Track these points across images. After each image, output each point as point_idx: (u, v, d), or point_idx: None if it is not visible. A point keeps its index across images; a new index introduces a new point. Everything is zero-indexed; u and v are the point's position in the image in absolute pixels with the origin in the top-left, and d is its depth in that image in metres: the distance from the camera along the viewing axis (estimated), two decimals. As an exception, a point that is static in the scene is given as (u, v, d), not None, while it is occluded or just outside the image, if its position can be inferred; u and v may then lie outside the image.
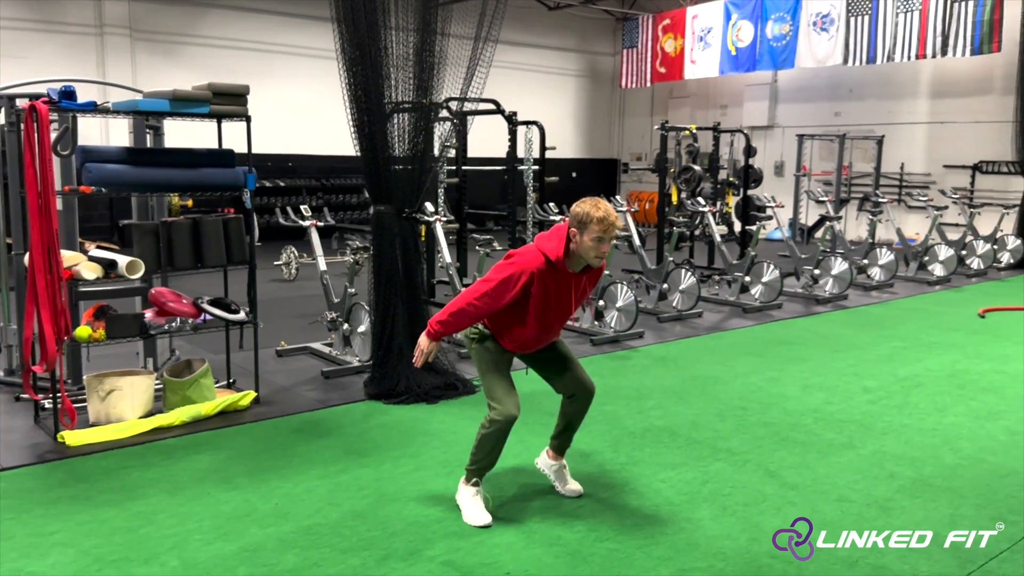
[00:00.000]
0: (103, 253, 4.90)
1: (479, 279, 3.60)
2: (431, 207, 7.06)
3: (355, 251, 6.35)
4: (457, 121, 8.11)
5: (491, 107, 8.34)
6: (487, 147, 10.31)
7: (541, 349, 3.81)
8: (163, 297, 5.00)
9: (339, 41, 5.31)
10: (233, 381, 5.55)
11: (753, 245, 9.10)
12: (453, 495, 3.77)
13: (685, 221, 9.75)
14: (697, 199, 10.05)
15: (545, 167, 9.01)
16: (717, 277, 9.46)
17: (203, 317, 5.11)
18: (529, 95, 17.28)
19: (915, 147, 15.39)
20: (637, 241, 8.84)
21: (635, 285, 8.67)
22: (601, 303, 7.33)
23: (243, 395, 5.20)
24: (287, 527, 3.57)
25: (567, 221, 3.54)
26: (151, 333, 4.98)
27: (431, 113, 5.63)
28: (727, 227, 12.25)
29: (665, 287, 8.44)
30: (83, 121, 5.40)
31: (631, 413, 5.20)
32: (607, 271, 6.93)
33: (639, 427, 4.93)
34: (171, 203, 10.95)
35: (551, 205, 8.04)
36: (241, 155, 5.27)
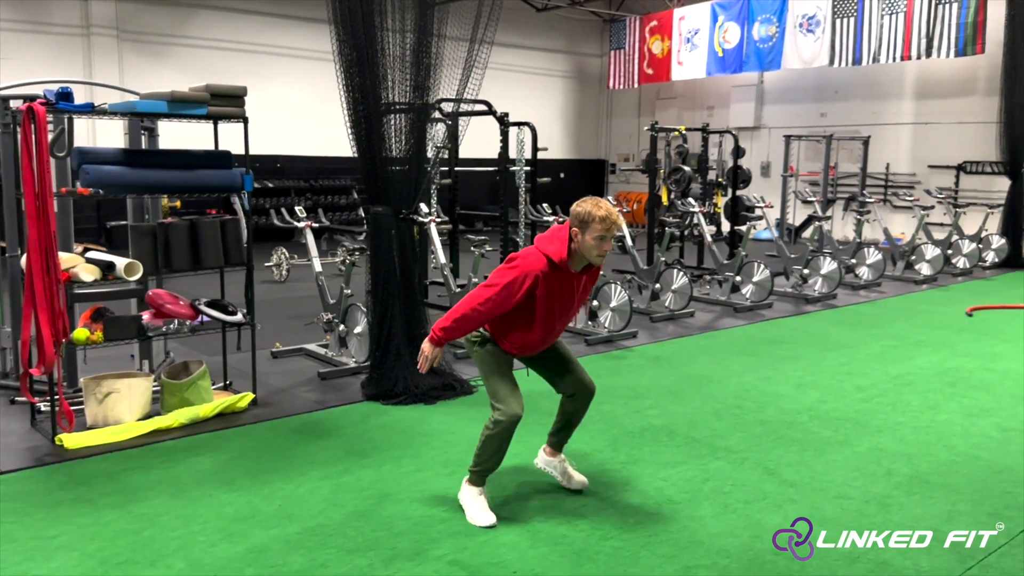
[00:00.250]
0: (95, 255, 4.87)
1: (481, 284, 3.61)
2: (425, 208, 7.07)
3: (351, 252, 6.34)
4: (450, 122, 8.13)
5: (483, 108, 8.35)
6: (475, 148, 10.32)
7: (542, 351, 3.83)
8: (160, 299, 4.98)
9: (336, 43, 5.30)
10: (229, 383, 5.54)
11: (743, 245, 9.16)
12: (456, 495, 3.78)
13: (677, 221, 9.80)
14: (688, 200, 10.11)
15: (537, 168, 9.04)
16: (708, 277, 9.52)
17: (200, 319, 5.09)
18: (517, 96, 17.28)
19: (900, 147, 15.54)
20: (629, 242, 8.90)
21: (628, 285, 8.71)
22: (595, 303, 7.36)
23: (241, 397, 5.19)
24: (292, 528, 3.57)
25: (567, 222, 3.56)
26: (149, 335, 4.97)
27: (426, 114, 5.64)
28: (715, 227, 12.32)
29: (657, 287, 8.49)
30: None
31: (629, 412, 5.23)
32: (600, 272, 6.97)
33: (637, 426, 4.97)
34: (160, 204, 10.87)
35: (544, 206, 8.06)
36: (237, 156, 5.26)
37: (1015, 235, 12.52)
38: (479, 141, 10.22)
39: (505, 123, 8.52)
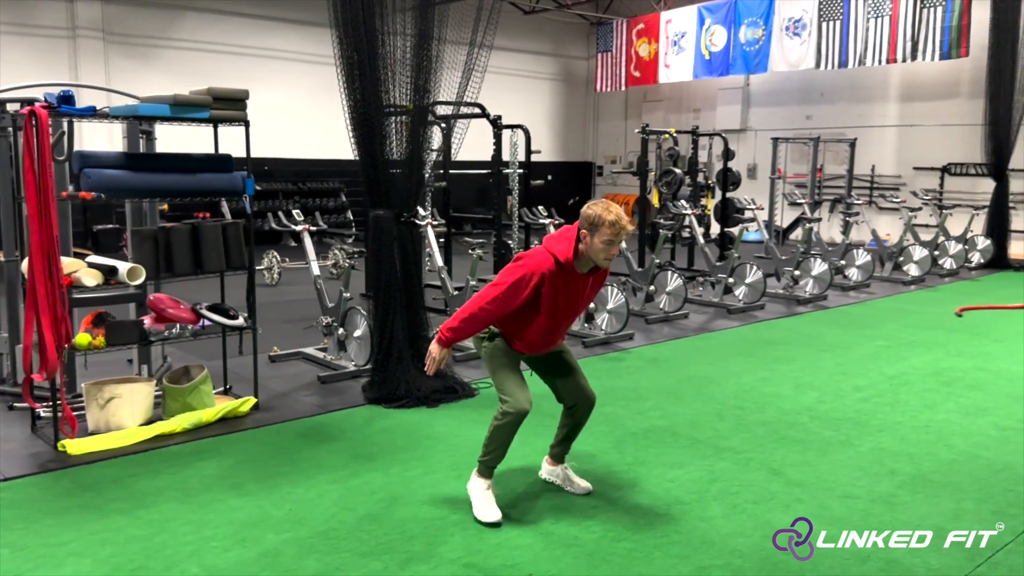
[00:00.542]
0: (96, 259, 4.84)
1: (488, 283, 3.63)
2: (422, 211, 7.06)
3: (349, 255, 6.33)
4: (444, 125, 8.14)
5: (476, 111, 8.37)
6: (465, 151, 10.32)
7: (548, 354, 3.86)
8: (162, 303, 4.95)
9: (337, 46, 5.30)
10: (230, 387, 5.51)
11: (736, 247, 9.22)
12: (465, 497, 3.79)
13: (670, 224, 9.86)
14: (679, 202, 10.16)
15: (530, 170, 9.06)
16: (701, 279, 9.57)
17: (202, 323, 5.07)
18: (503, 99, 17.24)
19: (885, 149, 15.69)
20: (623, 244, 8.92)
21: (623, 287, 8.74)
22: (592, 305, 7.39)
23: (243, 401, 5.17)
24: (304, 532, 3.56)
25: (576, 224, 3.58)
26: (151, 340, 4.94)
27: (425, 116, 5.64)
28: (704, 229, 12.39)
29: (652, 289, 8.52)
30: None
31: (631, 414, 5.26)
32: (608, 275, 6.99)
33: (640, 428, 4.99)
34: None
35: (540, 208, 8.08)
36: (237, 159, 5.25)
37: (1000, 236, 12.69)
38: (468, 144, 10.22)
39: (498, 126, 8.54)
